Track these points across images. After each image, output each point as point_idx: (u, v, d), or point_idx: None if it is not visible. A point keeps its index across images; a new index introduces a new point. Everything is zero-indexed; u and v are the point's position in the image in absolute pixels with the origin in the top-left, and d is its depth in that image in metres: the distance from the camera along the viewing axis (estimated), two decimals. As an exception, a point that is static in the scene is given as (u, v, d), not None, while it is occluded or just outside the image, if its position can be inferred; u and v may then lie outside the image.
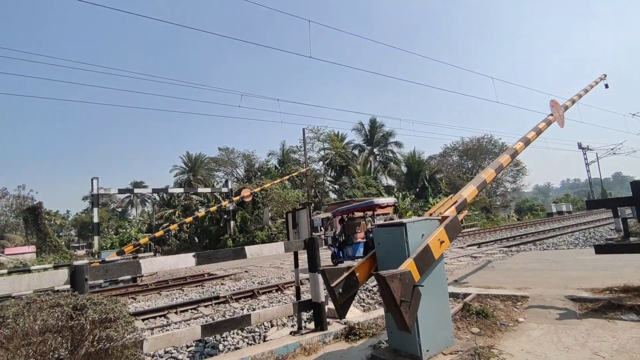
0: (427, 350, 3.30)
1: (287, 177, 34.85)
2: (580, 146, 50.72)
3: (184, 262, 3.76)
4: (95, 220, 26.85)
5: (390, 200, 14.66)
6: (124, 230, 39.03)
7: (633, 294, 4.53)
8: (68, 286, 3.08)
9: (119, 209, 69.34)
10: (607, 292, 4.84)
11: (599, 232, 19.09)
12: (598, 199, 38.62)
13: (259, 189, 31.25)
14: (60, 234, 55.54)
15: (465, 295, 5.48)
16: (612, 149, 48.53)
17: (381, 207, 13.81)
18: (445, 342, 3.48)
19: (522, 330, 4.07)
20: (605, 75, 11.69)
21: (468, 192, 4.77)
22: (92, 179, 26.18)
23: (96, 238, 26.83)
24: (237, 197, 29.45)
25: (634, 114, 30.28)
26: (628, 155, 49.21)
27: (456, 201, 4.37)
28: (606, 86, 11.93)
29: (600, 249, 5.34)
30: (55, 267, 15.86)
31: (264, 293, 9.69)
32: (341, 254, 14.15)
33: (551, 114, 7.76)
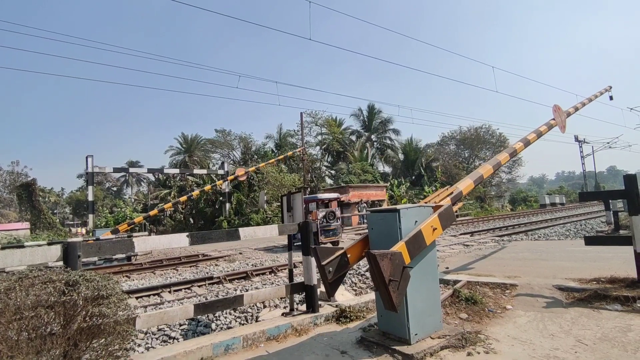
0: (416, 334, 3.37)
1: (282, 157, 34.87)
2: (576, 139, 50.89)
3: (178, 242, 3.77)
4: (90, 198, 26.72)
5: (333, 195, 16.91)
6: (119, 209, 38.99)
7: (619, 285, 4.63)
8: (61, 263, 3.09)
9: (114, 188, 69.10)
10: (594, 282, 4.94)
11: (590, 225, 19.35)
12: (591, 191, 38.96)
13: (253, 168, 31.29)
14: (55, 211, 55.40)
15: (456, 282, 5.57)
16: (608, 143, 48.76)
17: (323, 201, 16.39)
18: (433, 326, 3.55)
19: (509, 317, 4.16)
20: (611, 87, 11.76)
21: (464, 185, 4.80)
22: (86, 157, 25.93)
23: (91, 216, 26.77)
24: (232, 177, 29.52)
25: (631, 108, 30.28)
26: (623, 150, 49.49)
27: (452, 192, 4.39)
28: (610, 98, 12.00)
29: (590, 241, 5.42)
30: (49, 244, 15.87)
31: (257, 275, 9.79)
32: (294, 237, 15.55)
33: (553, 119, 7.83)
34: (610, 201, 14.84)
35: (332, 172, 46.43)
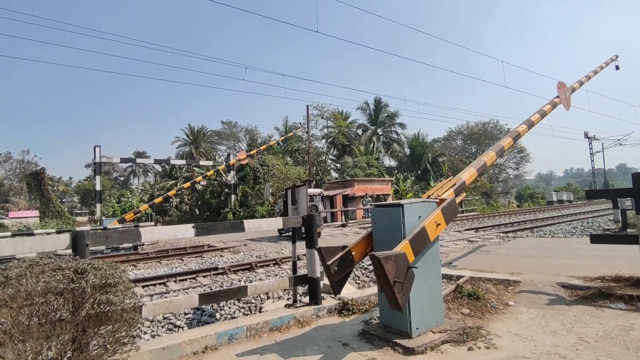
0: (417, 328, 3.40)
1: (283, 137, 35.27)
2: (586, 135, 50.20)
3: (184, 233, 3.82)
4: (98, 188, 27.04)
5: (316, 191, 18.70)
6: (126, 199, 39.39)
7: (624, 284, 4.61)
8: (69, 251, 3.16)
9: (122, 178, 69.75)
10: (599, 280, 4.92)
11: (597, 222, 19.19)
12: (598, 189, 38.59)
13: (254, 152, 31.57)
14: (63, 200, 56.15)
15: (459, 277, 5.59)
16: (619, 140, 48.04)
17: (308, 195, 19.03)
18: (435, 321, 3.58)
19: (511, 313, 4.17)
20: (617, 56, 11.32)
21: (467, 174, 4.77)
22: (94, 147, 26.19)
23: (98, 205, 27.12)
24: (233, 161, 29.84)
25: (644, 105, 29.73)
26: (634, 147, 48.72)
27: (455, 184, 4.38)
28: (617, 67, 11.56)
29: (595, 239, 5.39)
30: (58, 232, 16.13)
31: (261, 266, 9.88)
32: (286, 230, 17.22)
33: (557, 96, 7.61)
34: (618, 199, 14.71)
35: (338, 165, 46.36)
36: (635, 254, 4.67)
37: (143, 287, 8.19)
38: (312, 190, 18.82)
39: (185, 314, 6.03)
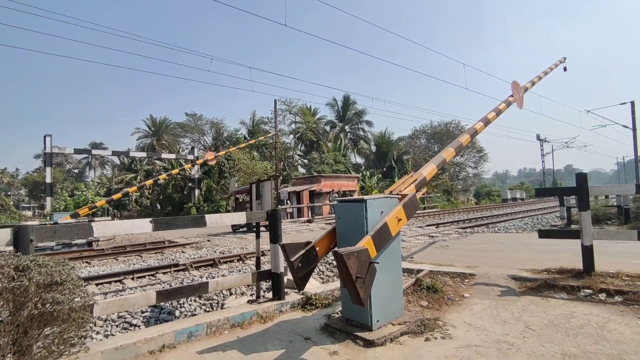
0: (378, 321, 3.47)
1: (254, 141, 34.70)
2: (538, 138, 53.53)
3: (140, 228, 3.65)
4: (48, 180, 25.31)
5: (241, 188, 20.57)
6: (80, 193, 37.14)
7: (567, 275, 4.97)
8: (11, 247, 2.92)
9: (75, 170, 65.75)
10: (545, 272, 5.27)
11: (546, 219, 20.55)
12: (547, 187, 41.41)
13: (223, 152, 30.79)
14: (9, 193, 52.02)
15: (419, 271, 5.77)
16: (567, 142, 51.61)
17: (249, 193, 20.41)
18: (395, 313, 3.68)
19: (466, 304, 4.37)
20: (565, 58, 12.01)
21: (428, 170, 4.93)
22: (44, 136, 24.46)
23: (49, 199, 25.41)
24: (200, 161, 28.98)
25: (588, 111, 32.14)
26: (580, 149, 52.59)
27: (416, 179, 4.50)
28: (565, 69, 12.25)
29: (543, 234, 5.77)
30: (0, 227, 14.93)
31: (225, 262, 9.70)
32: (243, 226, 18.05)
33: (512, 95, 7.99)
34: (564, 197, 15.85)
35: (305, 161, 46.38)
36: (577, 248, 5.04)
37: (97, 285, 7.78)
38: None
39: (142, 312, 5.79)
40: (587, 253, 4.85)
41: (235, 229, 17.98)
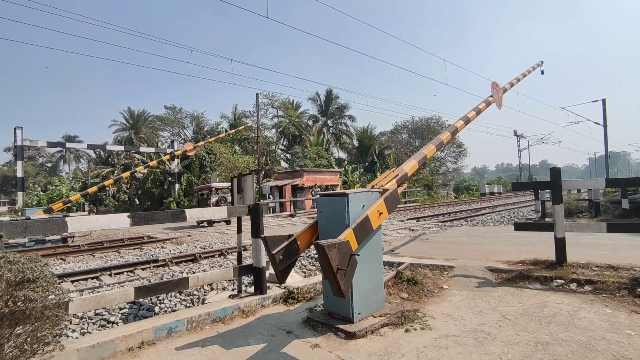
0: (359, 313, 3.51)
1: (234, 131, 34.41)
2: (515, 133, 55.08)
3: (118, 223, 3.55)
4: (19, 174, 24.28)
5: (225, 185, 20.39)
6: (54, 187, 35.88)
7: (540, 266, 5.15)
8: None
9: (49, 164, 63.38)
10: (520, 264, 5.45)
11: (522, 212, 21.23)
12: (523, 182, 42.73)
13: (202, 143, 30.34)
14: (-24, 187, 49.68)
15: (400, 264, 5.86)
16: (542, 138, 53.31)
17: (217, 189, 20.52)
18: (376, 305, 3.73)
19: (445, 296, 4.47)
20: (542, 62, 12.40)
21: (409, 166, 5.00)
22: (15, 129, 23.42)
23: (20, 194, 24.40)
24: (180, 152, 28.47)
25: (562, 108, 33.22)
26: (554, 145, 54.43)
27: (397, 174, 4.56)
28: (542, 72, 12.64)
29: (519, 227, 5.96)
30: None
31: (206, 257, 9.59)
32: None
33: (491, 95, 8.20)
34: (539, 191, 16.39)
35: (288, 155, 46.16)
36: (551, 240, 5.23)
37: (72, 282, 7.56)
38: (219, 184, 20.43)
39: (121, 309, 5.68)
40: (560, 245, 5.04)
41: (200, 222, 18.58)
